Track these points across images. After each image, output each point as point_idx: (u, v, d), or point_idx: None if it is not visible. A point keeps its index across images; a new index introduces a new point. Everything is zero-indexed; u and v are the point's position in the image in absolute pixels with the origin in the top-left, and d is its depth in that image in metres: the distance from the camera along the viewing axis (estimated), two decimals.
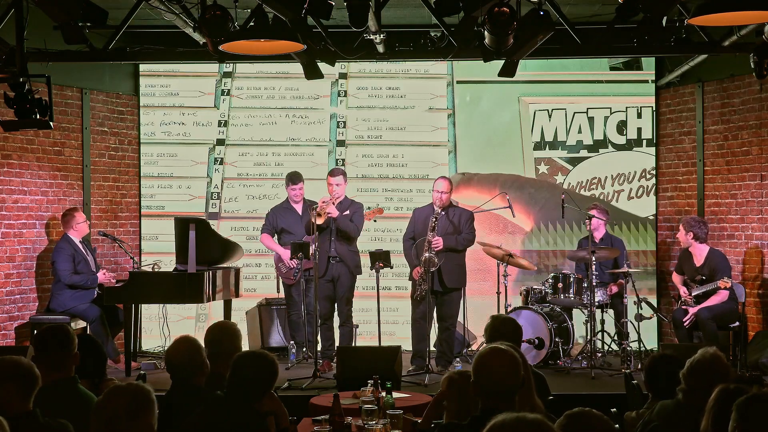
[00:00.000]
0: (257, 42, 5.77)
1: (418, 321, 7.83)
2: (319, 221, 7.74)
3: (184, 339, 4.22)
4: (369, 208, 8.12)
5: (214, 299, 7.91)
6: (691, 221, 7.97)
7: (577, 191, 9.21)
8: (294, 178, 8.34)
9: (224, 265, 8.25)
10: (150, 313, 8.93)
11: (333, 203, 7.85)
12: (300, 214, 8.23)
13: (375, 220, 8.59)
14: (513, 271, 8.63)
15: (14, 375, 3.38)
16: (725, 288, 7.56)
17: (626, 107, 9.28)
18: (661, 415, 3.79)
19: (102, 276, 8.07)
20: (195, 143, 9.45)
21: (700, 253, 7.94)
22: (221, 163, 9.41)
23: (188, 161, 9.41)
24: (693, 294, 7.81)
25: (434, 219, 7.67)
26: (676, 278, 8.22)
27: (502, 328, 4.41)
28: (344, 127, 9.41)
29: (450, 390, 3.90)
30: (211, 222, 8.60)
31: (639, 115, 9.27)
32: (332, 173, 8.06)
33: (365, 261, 8.09)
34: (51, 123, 6.50)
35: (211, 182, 9.44)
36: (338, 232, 7.88)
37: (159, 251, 9.19)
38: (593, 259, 7.80)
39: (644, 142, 9.25)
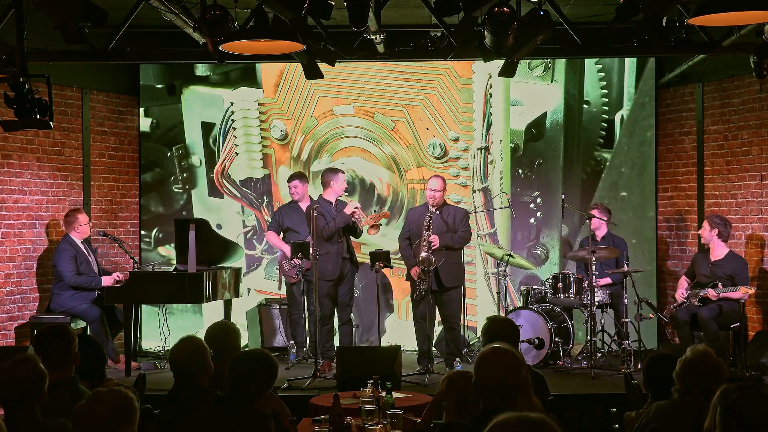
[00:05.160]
0: (257, 42, 5.77)
1: (419, 321, 7.84)
2: (377, 232, 7.88)
3: (189, 339, 4.23)
4: (375, 211, 8.14)
5: (214, 299, 7.92)
6: (717, 219, 7.99)
7: None
8: (289, 177, 8.39)
9: (224, 265, 8.27)
10: (150, 313, 8.95)
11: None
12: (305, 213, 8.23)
13: (380, 224, 8.61)
14: (513, 271, 8.66)
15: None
16: (743, 293, 7.58)
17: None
18: (657, 415, 3.79)
19: (108, 279, 8.05)
20: None
21: (720, 251, 7.95)
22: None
23: None
24: (719, 294, 7.75)
25: (428, 218, 7.68)
26: (683, 282, 8.20)
27: (499, 329, 4.41)
28: None
29: (449, 390, 3.90)
30: None
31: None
32: (342, 171, 8.08)
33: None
34: (51, 123, 6.50)
35: None
36: (355, 231, 7.96)
37: None
38: (593, 259, 7.80)
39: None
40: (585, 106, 9.32)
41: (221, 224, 9.40)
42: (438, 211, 7.84)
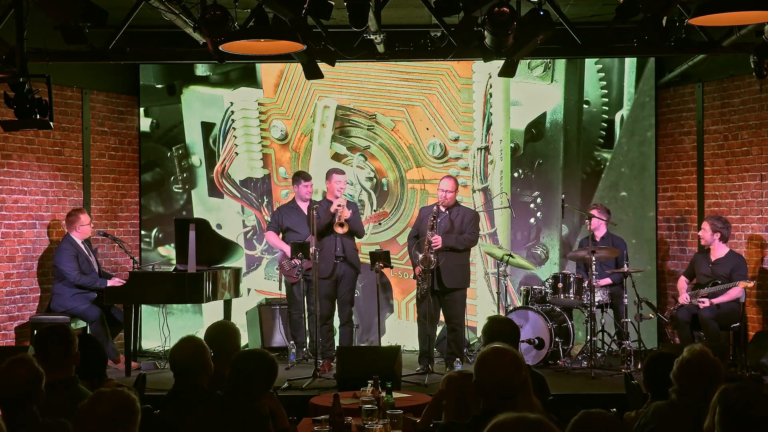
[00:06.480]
0: (257, 42, 5.77)
1: (420, 320, 7.85)
2: (343, 231, 7.80)
3: (189, 339, 4.23)
4: (375, 210, 8.15)
5: (214, 299, 7.92)
6: (718, 222, 7.94)
7: None
8: (306, 176, 8.39)
9: (224, 265, 8.27)
10: (150, 313, 8.95)
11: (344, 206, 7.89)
12: (306, 213, 8.22)
13: (380, 223, 8.61)
14: (513, 271, 8.66)
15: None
16: (745, 287, 7.57)
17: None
18: (656, 416, 3.79)
19: (112, 282, 8.03)
20: None
21: (720, 251, 7.95)
22: None
23: None
24: (707, 292, 7.76)
25: (432, 218, 7.68)
26: (682, 282, 8.20)
27: (499, 329, 4.41)
28: None
29: (449, 390, 3.90)
30: None
31: None
32: (339, 171, 8.08)
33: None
34: (51, 123, 6.50)
35: None
36: (356, 231, 7.94)
37: None
38: (593, 259, 7.80)
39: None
40: (585, 106, 9.33)
41: (221, 224, 9.40)
42: (447, 212, 7.84)
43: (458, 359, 7.82)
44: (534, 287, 8.36)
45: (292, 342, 8.31)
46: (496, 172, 9.29)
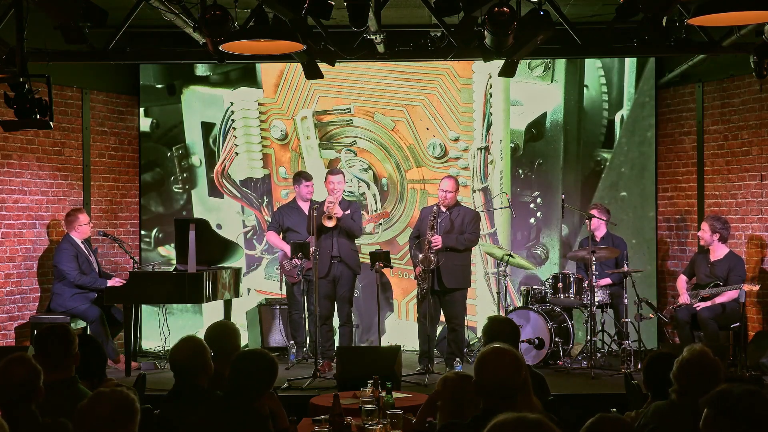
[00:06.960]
0: (257, 42, 5.78)
1: (420, 320, 7.85)
2: (331, 224, 7.79)
3: (189, 339, 4.23)
4: (375, 210, 8.14)
5: (214, 299, 7.92)
6: (718, 223, 7.92)
7: None
8: (307, 176, 8.39)
9: (224, 265, 8.27)
10: (150, 313, 8.95)
11: (336, 203, 7.88)
12: (307, 213, 8.22)
13: (381, 223, 8.60)
14: (513, 271, 8.66)
15: None
16: (749, 290, 7.56)
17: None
18: (656, 416, 3.79)
19: (112, 282, 8.03)
20: None
21: (720, 251, 7.94)
22: None
23: None
24: (709, 293, 7.77)
25: (432, 218, 7.68)
26: (682, 281, 8.19)
27: (499, 329, 4.41)
28: None
29: (444, 390, 3.89)
30: None
31: None
32: (334, 172, 8.09)
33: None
34: (51, 123, 6.50)
35: None
36: (342, 231, 7.91)
37: None
38: (593, 259, 7.80)
39: None
40: (585, 106, 9.33)
41: (221, 224, 9.40)
42: (447, 212, 7.84)
43: (458, 359, 7.82)
44: (534, 287, 8.36)
45: (292, 342, 8.31)
46: (496, 172, 9.29)
